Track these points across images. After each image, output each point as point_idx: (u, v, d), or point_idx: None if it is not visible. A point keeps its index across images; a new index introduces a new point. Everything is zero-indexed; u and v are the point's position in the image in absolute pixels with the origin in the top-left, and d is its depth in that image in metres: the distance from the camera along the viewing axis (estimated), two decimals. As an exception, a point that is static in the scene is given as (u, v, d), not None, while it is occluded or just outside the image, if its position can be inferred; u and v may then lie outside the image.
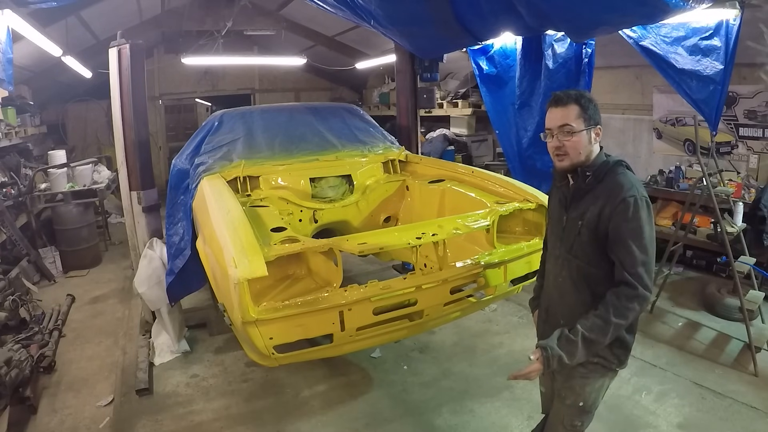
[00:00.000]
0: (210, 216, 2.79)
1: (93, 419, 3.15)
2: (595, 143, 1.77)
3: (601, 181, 1.76)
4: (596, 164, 1.77)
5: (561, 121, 1.75)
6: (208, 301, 4.45)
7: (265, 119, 4.25)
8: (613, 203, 1.68)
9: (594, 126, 1.76)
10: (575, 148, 1.75)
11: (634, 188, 1.69)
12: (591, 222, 1.73)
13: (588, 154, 1.77)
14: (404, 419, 3.08)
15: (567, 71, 4.23)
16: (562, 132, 1.75)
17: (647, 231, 1.67)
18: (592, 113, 1.75)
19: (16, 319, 4.02)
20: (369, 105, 10.14)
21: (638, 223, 1.66)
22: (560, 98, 1.77)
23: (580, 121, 1.73)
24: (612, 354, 1.81)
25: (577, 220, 1.78)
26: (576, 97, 1.75)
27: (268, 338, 2.34)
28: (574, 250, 1.80)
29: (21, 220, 5.72)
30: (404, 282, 2.59)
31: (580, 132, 1.74)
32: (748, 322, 3.46)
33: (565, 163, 1.79)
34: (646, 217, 1.68)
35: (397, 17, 3.95)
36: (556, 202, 1.96)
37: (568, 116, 1.74)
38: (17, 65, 4.65)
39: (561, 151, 1.77)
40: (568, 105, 1.74)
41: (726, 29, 3.21)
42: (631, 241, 1.65)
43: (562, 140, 1.75)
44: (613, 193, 1.70)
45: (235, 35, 8.43)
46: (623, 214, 1.66)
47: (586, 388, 1.85)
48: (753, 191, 4.54)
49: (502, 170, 5.56)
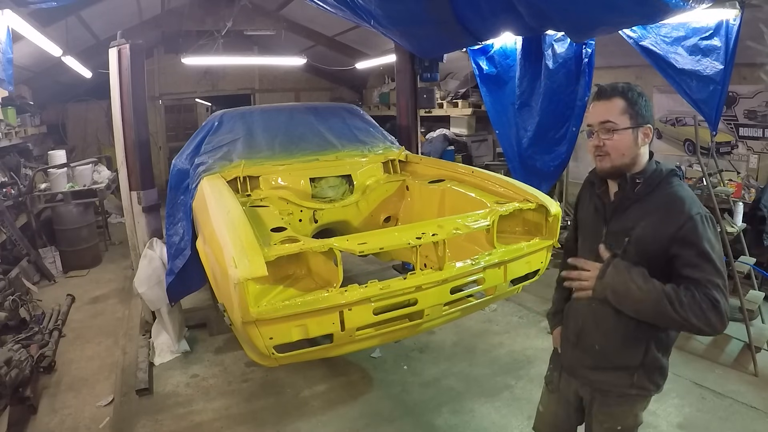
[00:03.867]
0: (210, 216, 2.79)
1: (93, 419, 3.15)
2: (643, 145, 1.56)
3: (652, 192, 1.56)
4: (647, 171, 1.57)
5: (602, 117, 1.55)
6: (208, 301, 4.45)
7: (265, 119, 4.25)
8: (676, 221, 1.48)
9: (643, 125, 1.54)
10: (617, 149, 1.54)
11: (696, 204, 1.51)
12: (642, 240, 1.53)
13: (634, 157, 1.56)
14: (404, 419, 3.08)
15: (567, 71, 4.23)
16: (603, 129, 1.55)
17: (717, 250, 1.48)
18: (641, 110, 1.53)
19: (16, 319, 4.02)
20: (369, 105, 10.15)
21: (708, 243, 1.46)
22: (604, 91, 1.57)
23: (624, 118, 1.53)
24: (651, 383, 1.68)
25: (623, 236, 1.57)
26: (623, 90, 1.54)
27: (268, 338, 2.33)
28: None
29: (21, 220, 5.72)
30: (404, 282, 2.58)
31: (625, 130, 1.53)
32: (748, 322, 3.46)
33: (606, 165, 1.58)
34: (714, 236, 1.49)
35: (397, 17, 3.95)
36: (591, 211, 1.74)
37: (610, 111, 1.53)
38: (17, 65, 4.64)
39: (601, 151, 1.57)
40: (613, 98, 1.54)
41: (726, 29, 3.21)
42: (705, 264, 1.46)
43: (603, 138, 1.55)
44: (674, 208, 1.50)
45: (235, 35, 8.43)
46: (692, 235, 1.46)
47: (624, 414, 1.73)
48: (753, 191, 4.54)
49: (502, 170, 5.55)
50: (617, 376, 1.68)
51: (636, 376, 1.66)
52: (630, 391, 1.68)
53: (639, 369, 1.66)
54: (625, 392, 1.69)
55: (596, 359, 1.72)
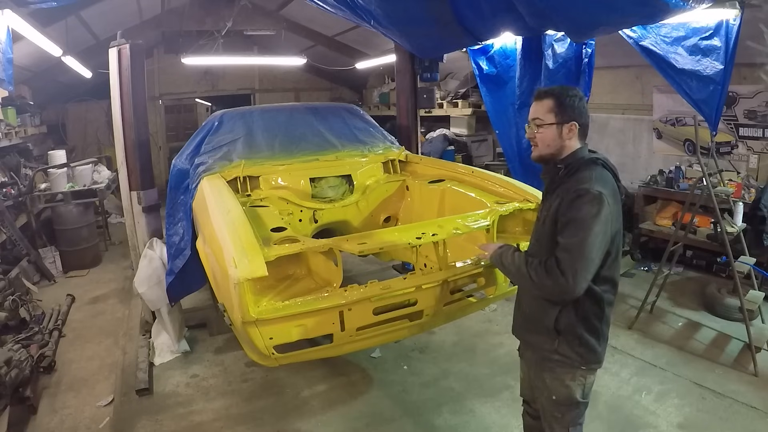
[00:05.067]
0: (210, 216, 2.79)
1: (93, 419, 3.15)
2: (568, 139, 1.83)
3: (572, 176, 1.80)
4: (571, 159, 1.83)
5: (533, 115, 1.88)
6: (208, 301, 4.45)
7: (265, 119, 4.25)
8: (568, 196, 1.74)
9: (567, 122, 1.81)
10: (543, 141, 1.85)
11: (593, 182, 1.73)
12: (552, 214, 1.80)
13: (558, 148, 1.84)
14: (404, 419, 3.08)
15: (567, 71, 4.22)
16: (534, 124, 1.87)
17: (587, 224, 1.68)
18: (568, 109, 1.81)
19: (16, 319, 4.02)
20: (369, 105, 10.14)
21: (579, 213, 1.69)
22: (539, 93, 1.88)
23: (551, 116, 1.82)
24: (573, 352, 1.84)
25: (547, 211, 1.85)
26: (555, 93, 1.83)
27: (268, 338, 2.33)
28: (540, 241, 1.88)
29: (21, 220, 5.72)
30: (404, 282, 2.59)
31: (549, 125, 1.83)
32: (748, 322, 3.46)
33: (534, 153, 1.92)
34: (590, 210, 1.69)
35: (397, 17, 3.95)
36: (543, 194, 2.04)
37: (539, 110, 1.85)
38: (17, 65, 4.65)
39: (533, 142, 1.90)
40: (543, 100, 1.84)
41: (726, 29, 3.21)
42: (568, 229, 1.70)
43: (534, 132, 1.88)
44: (574, 185, 1.75)
45: (235, 35, 8.43)
46: (570, 204, 1.71)
47: (555, 383, 1.90)
48: (753, 191, 4.54)
49: (502, 170, 5.56)
50: (541, 339, 1.91)
51: (557, 342, 1.86)
52: (553, 356, 1.88)
53: (558, 335, 1.85)
54: (548, 356, 1.89)
55: (525, 320, 2.00)
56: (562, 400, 1.90)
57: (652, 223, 5.34)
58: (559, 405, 1.91)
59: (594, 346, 1.85)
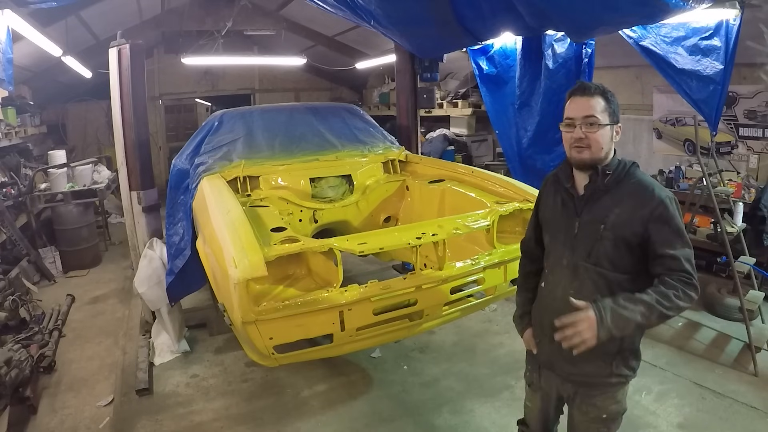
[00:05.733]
0: (210, 216, 2.79)
1: (93, 419, 3.15)
2: (615, 142, 1.70)
3: (619, 183, 1.68)
4: (614, 164, 1.69)
5: (587, 111, 1.64)
6: (208, 301, 4.45)
7: (265, 119, 4.25)
8: (649, 204, 1.62)
9: (616, 123, 1.68)
10: (598, 142, 1.64)
11: (663, 189, 1.66)
12: (618, 226, 1.64)
13: (608, 152, 1.68)
14: (404, 419, 3.08)
15: (567, 71, 4.22)
16: (586, 123, 1.64)
17: (684, 229, 1.64)
18: (615, 109, 1.68)
19: (16, 319, 4.02)
20: (369, 105, 10.14)
21: (677, 221, 1.62)
22: (587, 87, 1.67)
23: (605, 115, 1.65)
24: (628, 368, 1.75)
25: (598, 224, 1.67)
26: (602, 90, 1.67)
27: (268, 338, 2.34)
28: (594, 257, 1.68)
29: (21, 220, 5.72)
30: (404, 282, 2.59)
31: (605, 126, 1.64)
32: (748, 322, 3.45)
33: (585, 156, 1.66)
34: (681, 216, 1.66)
35: (397, 17, 3.95)
36: (558, 207, 1.81)
37: (594, 107, 1.64)
38: (17, 65, 4.65)
39: (583, 143, 1.65)
40: (595, 96, 1.65)
41: (726, 29, 3.21)
42: (678, 240, 1.60)
43: (586, 132, 1.64)
44: (645, 193, 1.64)
45: (235, 35, 8.43)
46: (665, 215, 1.61)
47: (606, 402, 1.78)
48: (753, 191, 4.54)
49: (502, 170, 5.56)
50: (596, 365, 1.73)
51: (614, 364, 1.72)
52: (610, 379, 1.74)
53: (617, 356, 1.72)
54: (605, 381, 1.75)
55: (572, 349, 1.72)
56: (612, 416, 1.80)
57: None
58: (607, 421, 1.81)
59: (640, 352, 1.78)
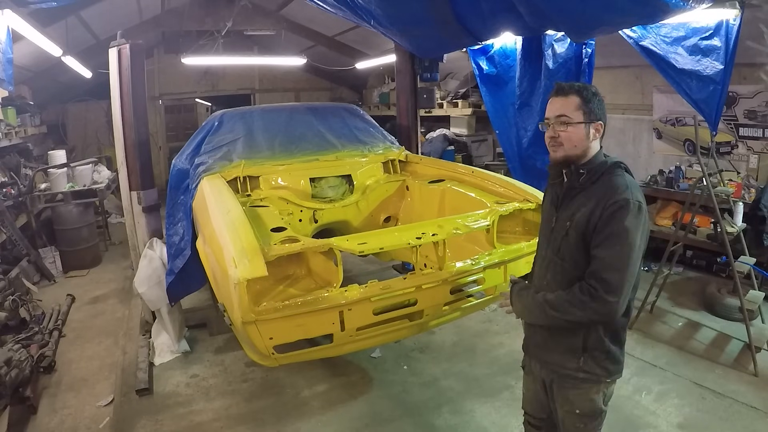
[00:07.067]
0: (210, 216, 2.79)
1: (93, 419, 3.15)
2: (594, 140, 1.71)
3: (595, 182, 1.69)
4: (593, 163, 1.71)
5: (558, 111, 1.70)
6: (208, 301, 4.45)
7: (265, 119, 4.25)
8: (604, 205, 1.61)
9: (594, 121, 1.69)
10: (570, 140, 1.69)
11: (629, 191, 1.62)
12: (580, 224, 1.66)
13: (585, 149, 1.71)
14: (404, 419, 3.08)
15: (567, 71, 4.22)
16: (559, 122, 1.70)
17: (632, 237, 1.59)
18: (594, 107, 1.68)
19: (16, 319, 4.02)
20: (369, 105, 10.14)
21: (622, 226, 1.58)
22: (562, 88, 1.72)
23: (579, 114, 1.67)
24: (600, 368, 1.76)
25: (566, 221, 1.72)
26: (579, 89, 1.69)
27: (268, 338, 2.34)
28: (561, 252, 1.74)
29: (21, 220, 5.72)
30: (404, 282, 2.59)
31: (578, 124, 1.68)
32: (748, 322, 3.46)
33: (559, 154, 1.73)
34: (634, 223, 1.59)
35: (397, 17, 3.95)
36: (548, 202, 1.90)
37: (566, 107, 1.69)
38: (17, 65, 4.64)
39: (555, 142, 1.72)
40: (569, 95, 1.69)
41: (726, 29, 3.21)
42: (611, 243, 1.59)
43: (558, 130, 1.70)
44: (607, 194, 1.63)
45: (235, 35, 8.43)
46: (611, 216, 1.59)
47: (579, 398, 1.81)
48: (753, 191, 4.54)
49: (502, 170, 5.55)
50: (564, 358, 1.79)
51: (582, 360, 1.75)
52: (578, 374, 1.77)
53: (584, 353, 1.75)
54: (573, 375, 1.78)
55: (544, 338, 1.85)
56: (587, 413, 1.82)
57: (652, 223, 5.33)
58: (582, 417, 1.83)
59: (619, 357, 1.79)
